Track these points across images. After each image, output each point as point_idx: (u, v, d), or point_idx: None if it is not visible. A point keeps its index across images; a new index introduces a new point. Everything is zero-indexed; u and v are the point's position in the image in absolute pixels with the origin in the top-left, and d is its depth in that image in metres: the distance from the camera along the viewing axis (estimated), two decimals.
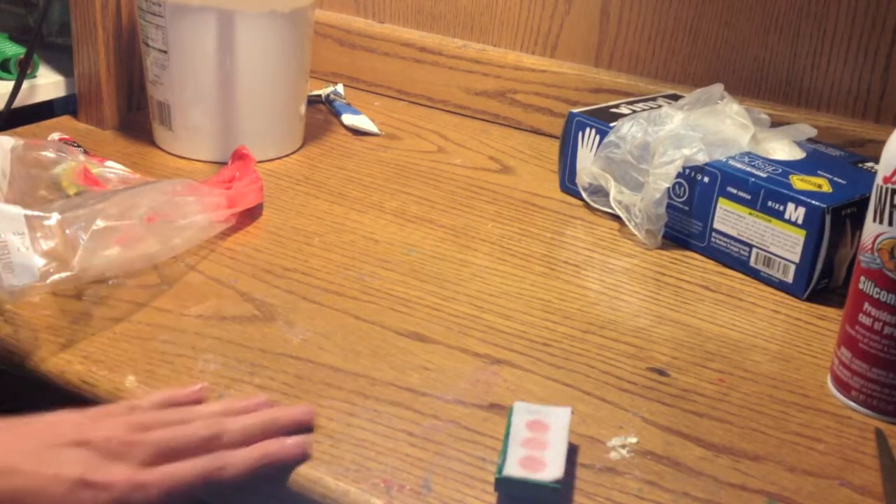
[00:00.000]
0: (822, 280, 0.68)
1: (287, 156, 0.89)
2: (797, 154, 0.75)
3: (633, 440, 0.53)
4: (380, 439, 0.52)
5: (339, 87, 1.04)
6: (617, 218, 0.78)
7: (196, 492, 0.47)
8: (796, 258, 0.68)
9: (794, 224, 0.68)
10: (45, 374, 0.57)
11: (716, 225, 0.73)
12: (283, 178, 0.83)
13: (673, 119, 0.75)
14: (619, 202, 0.76)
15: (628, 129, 0.76)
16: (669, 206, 0.74)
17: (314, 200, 0.79)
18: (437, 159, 0.90)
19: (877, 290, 0.55)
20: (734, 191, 0.71)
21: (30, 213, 0.61)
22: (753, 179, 0.70)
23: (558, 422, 0.51)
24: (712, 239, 0.73)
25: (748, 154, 0.74)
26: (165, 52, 0.82)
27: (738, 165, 0.72)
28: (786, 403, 0.57)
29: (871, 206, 0.55)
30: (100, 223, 0.62)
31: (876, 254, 0.55)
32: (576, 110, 0.82)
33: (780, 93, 0.88)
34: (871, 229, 0.55)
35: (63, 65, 0.95)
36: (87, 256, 0.61)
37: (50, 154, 0.71)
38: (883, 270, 0.54)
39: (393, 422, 0.53)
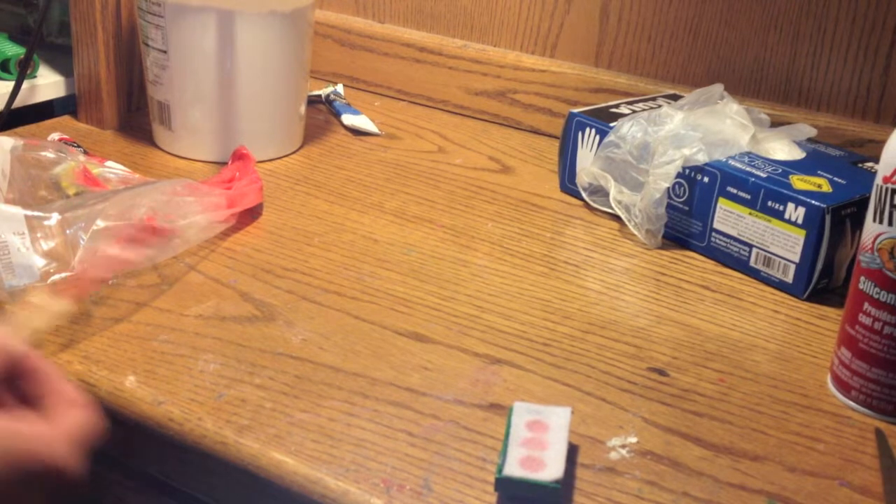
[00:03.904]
0: (822, 280, 0.68)
1: (287, 156, 0.89)
2: (797, 154, 0.75)
3: (633, 440, 0.53)
4: (380, 439, 0.52)
5: (339, 87, 1.04)
6: (617, 218, 0.78)
7: None
8: (796, 258, 0.68)
9: (794, 224, 0.68)
10: None
11: (716, 225, 0.73)
12: (283, 178, 0.83)
13: (673, 119, 0.75)
14: (619, 202, 0.76)
15: (628, 129, 0.76)
16: (669, 206, 0.74)
17: (314, 200, 0.80)
18: (437, 159, 0.90)
19: (877, 289, 0.55)
20: (734, 191, 0.71)
21: (30, 213, 0.61)
22: (753, 179, 0.70)
23: (558, 422, 0.51)
24: (712, 239, 0.73)
25: (748, 154, 0.74)
26: (165, 52, 0.82)
27: (738, 165, 0.72)
28: (786, 403, 0.57)
29: (871, 205, 0.55)
30: (100, 223, 0.62)
31: (876, 254, 0.55)
32: (576, 110, 0.82)
33: (780, 93, 0.88)
34: (871, 229, 0.55)
35: (63, 65, 0.95)
36: (87, 256, 0.61)
37: (50, 154, 0.71)
38: (883, 270, 0.54)
39: (393, 422, 0.53)
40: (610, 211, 0.78)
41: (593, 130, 0.80)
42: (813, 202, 0.67)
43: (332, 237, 0.73)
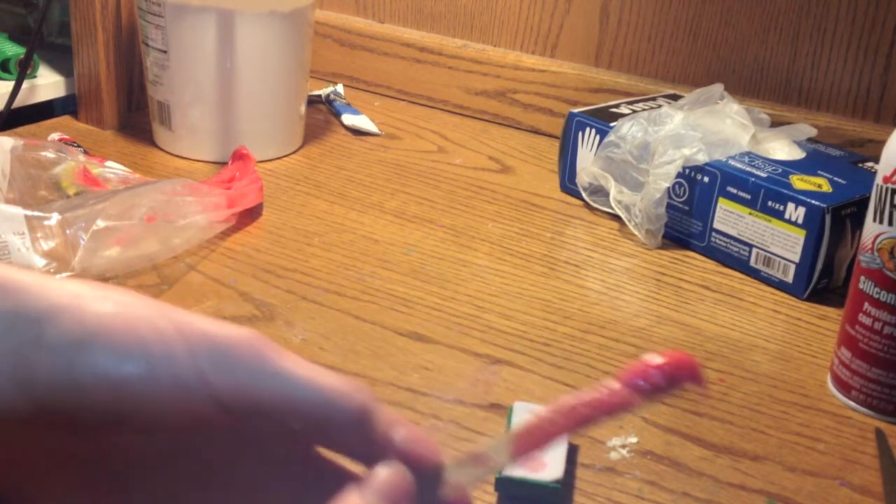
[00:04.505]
0: (822, 280, 0.68)
1: (287, 156, 0.89)
2: (797, 154, 0.75)
3: (633, 440, 0.53)
4: None
5: (339, 87, 1.04)
6: (617, 218, 0.78)
7: None
8: (796, 258, 0.68)
9: (794, 224, 0.68)
10: None
11: (716, 225, 0.73)
12: (283, 178, 0.83)
13: (673, 119, 0.75)
14: (619, 202, 0.76)
15: (628, 129, 0.76)
16: (669, 206, 0.74)
17: (314, 200, 0.79)
18: (437, 159, 0.90)
19: (877, 289, 0.55)
20: (734, 191, 0.71)
21: (30, 213, 0.61)
22: (753, 179, 0.70)
23: None
24: (712, 239, 0.73)
25: (748, 154, 0.74)
26: (165, 52, 0.82)
27: (738, 165, 0.72)
28: (786, 403, 0.57)
29: (871, 205, 0.55)
30: (100, 223, 0.62)
31: (876, 254, 0.55)
32: (576, 110, 0.82)
33: (780, 93, 0.88)
34: (871, 229, 0.55)
35: (63, 65, 0.95)
36: (87, 256, 0.61)
37: (50, 154, 0.71)
38: (883, 270, 0.54)
39: None
40: (610, 211, 0.78)
41: (593, 130, 0.80)
42: (813, 202, 0.67)
43: (332, 237, 0.73)
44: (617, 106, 0.83)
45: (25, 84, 0.90)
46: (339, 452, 0.32)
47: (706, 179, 0.73)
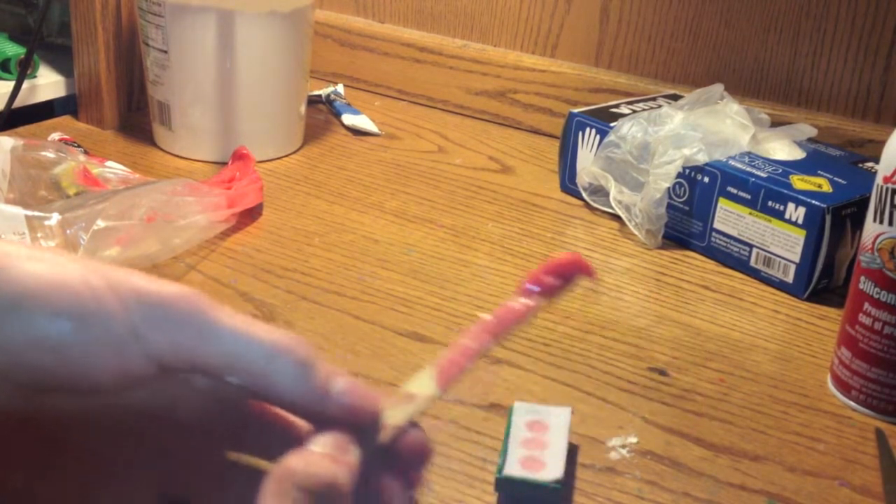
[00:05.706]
0: (822, 280, 0.68)
1: (287, 156, 0.89)
2: (797, 154, 0.75)
3: (634, 440, 0.53)
4: None
5: (339, 87, 1.04)
6: (617, 218, 0.78)
7: None
8: (796, 258, 0.68)
9: (795, 224, 0.68)
10: None
11: (716, 225, 0.73)
12: (283, 178, 0.83)
13: (673, 119, 0.75)
14: (619, 202, 0.76)
15: (628, 129, 0.76)
16: (669, 206, 0.74)
17: (314, 200, 0.79)
18: (437, 159, 0.90)
19: (877, 290, 0.55)
20: (734, 191, 0.71)
21: (30, 213, 0.61)
22: (753, 179, 0.70)
23: (558, 422, 0.51)
24: (712, 239, 0.73)
25: (748, 154, 0.74)
26: (165, 51, 0.82)
27: (738, 165, 0.72)
28: (786, 403, 0.57)
29: (871, 206, 0.55)
30: (100, 223, 0.62)
31: (876, 254, 0.55)
32: (576, 110, 0.82)
33: (780, 93, 0.88)
34: (871, 229, 0.55)
35: (63, 65, 0.95)
36: (87, 257, 0.61)
37: (50, 154, 0.71)
38: (883, 270, 0.54)
39: None
40: (610, 211, 0.78)
41: (593, 130, 0.80)
42: (813, 202, 0.67)
43: (332, 237, 0.73)
44: (617, 106, 0.83)
45: (25, 84, 0.90)
46: (279, 407, 0.33)
47: (706, 179, 0.73)
